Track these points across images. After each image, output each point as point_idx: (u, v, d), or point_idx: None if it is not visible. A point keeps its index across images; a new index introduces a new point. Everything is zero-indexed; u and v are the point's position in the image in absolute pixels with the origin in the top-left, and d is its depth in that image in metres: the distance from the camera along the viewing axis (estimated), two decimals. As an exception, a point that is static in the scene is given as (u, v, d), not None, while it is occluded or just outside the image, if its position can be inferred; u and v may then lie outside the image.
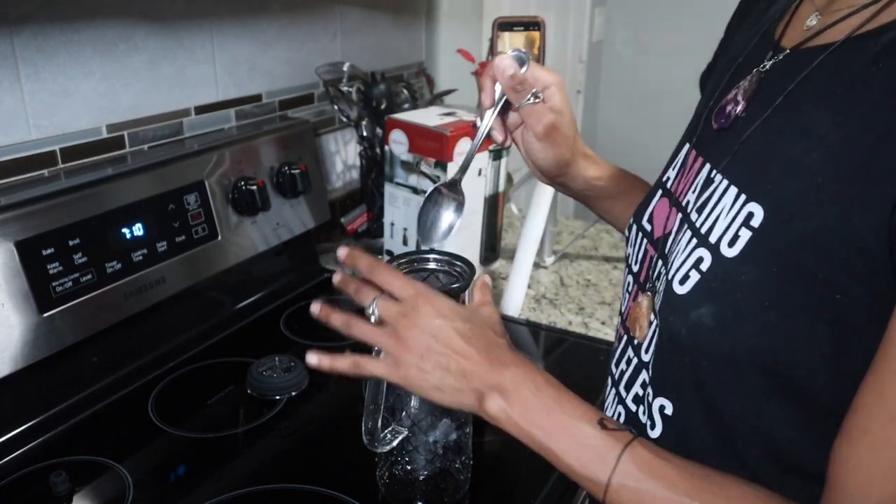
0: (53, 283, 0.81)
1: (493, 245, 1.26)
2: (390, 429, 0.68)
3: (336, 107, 1.26)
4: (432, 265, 0.69)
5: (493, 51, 0.90)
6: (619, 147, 2.83)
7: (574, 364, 1.02)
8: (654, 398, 0.55)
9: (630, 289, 0.62)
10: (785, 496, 0.48)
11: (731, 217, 0.48)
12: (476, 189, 1.15)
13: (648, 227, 0.60)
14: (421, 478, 0.70)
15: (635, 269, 0.61)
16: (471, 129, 1.08)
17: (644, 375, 0.57)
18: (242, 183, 1.04)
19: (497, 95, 0.66)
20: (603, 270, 1.30)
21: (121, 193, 0.89)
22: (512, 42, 0.87)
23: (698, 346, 0.49)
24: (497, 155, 1.16)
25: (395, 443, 0.67)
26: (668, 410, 0.54)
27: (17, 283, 0.78)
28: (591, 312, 1.14)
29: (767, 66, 0.52)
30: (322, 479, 0.75)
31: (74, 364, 0.87)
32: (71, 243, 0.83)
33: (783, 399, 0.47)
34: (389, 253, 1.21)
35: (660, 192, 0.61)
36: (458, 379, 0.54)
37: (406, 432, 0.68)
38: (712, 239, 0.49)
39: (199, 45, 1.08)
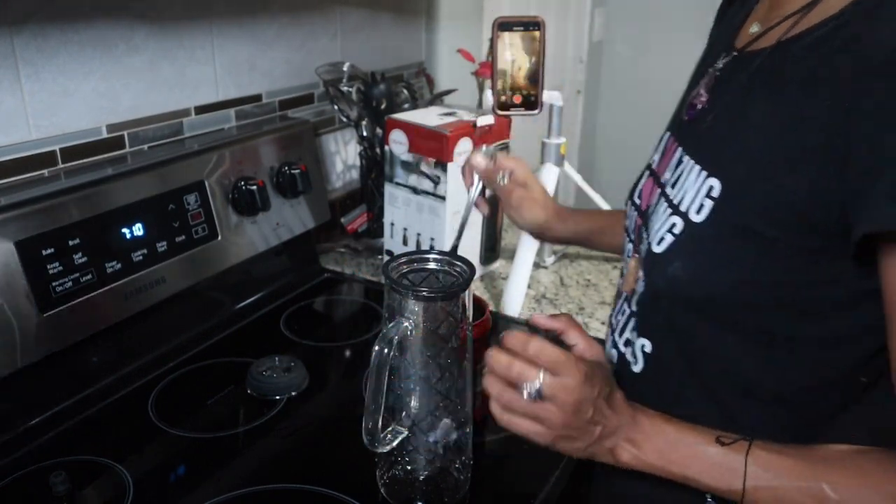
0: (53, 283, 0.81)
1: (493, 245, 1.26)
2: (390, 429, 0.68)
3: (336, 107, 1.26)
4: (432, 265, 0.69)
5: (493, 51, 0.90)
6: (618, 147, 2.83)
7: (574, 364, 1.02)
8: (637, 339, 0.66)
9: (629, 254, 0.72)
10: (748, 416, 0.59)
11: (696, 190, 0.58)
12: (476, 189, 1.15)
13: (638, 202, 0.71)
14: (421, 478, 0.70)
15: (632, 236, 0.71)
16: (471, 129, 1.09)
17: (632, 322, 0.67)
18: (242, 183, 1.04)
19: (476, 183, 0.84)
20: (603, 270, 1.30)
21: (121, 193, 0.89)
22: (512, 42, 0.87)
23: (674, 294, 0.60)
24: (497, 155, 1.16)
25: (395, 443, 0.67)
26: (648, 349, 0.65)
27: (17, 283, 0.78)
28: (591, 312, 1.14)
29: (720, 66, 0.63)
30: (322, 479, 0.75)
31: (74, 364, 0.87)
32: (71, 243, 0.83)
33: (743, 334, 0.57)
34: (389, 253, 1.21)
35: (647, 172, 0.72)
36: (602, 439, 0.59)
37: (406, 432, 0.68)
38: (682, 208, 0.59)
39: (199, 45, 1.08)
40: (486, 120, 1.09)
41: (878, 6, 0.49)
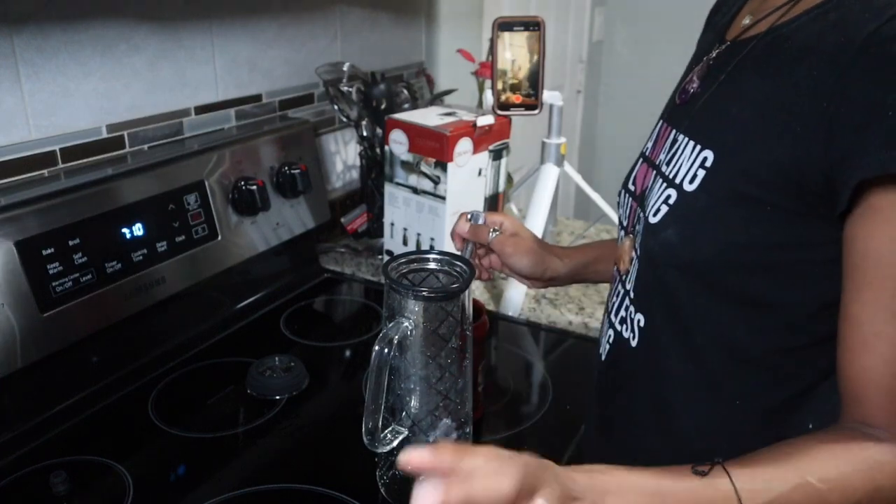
0: (53, 283, 0.81)
1: (493, 245, 1.26)
2: (390, 429, 0.68)
3: (336, 107, 1.26)
4: (432, 265, 0.69)
5: (493, 51, 0.90)
6: (618, 147, 2.83)
7: (574, 364, 1.02)
8: (634, 314, 0.68)
9: (621, 241, 0.75)
10: (734, 382, 0.62)
11: (690, 162, 0.62)
12: (476, 189, 1.15)
13: (633, 188, 0.73)
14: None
15: (625, 223, 0.74)
16: (471, 129, 1.09)
17: (626, 300, 0.70)
18: (242, 183, 1.04)
19: (468, 248, 0.84)
20: (603, 270, 1.30)
21: (121, 193, 0.89)
22: (512, 42, 0.87)
23: (667, 259, 0.63)
24: (497, 155, 1.16)
25: (395, 443, 0.67)
26: (642, 323, 0.67)
27: (17, 283, 0.78)
28: (591, 312, 1.14)
29: (714, 55, 0.67)
30: (322, 479, 0.75)
31: (74, 364, 0.87)
32: (71, 243, 0.83)
33: (731, 298, 0.60)
34: (389, 253, 1.21)
35: (640, 160, 0.75)
36: None
37: (406, 432, 0.68)
38: (677, 180, 0.63)
39: (199, 45, 1.08)
40: (486, 120, 1.09)
41: None
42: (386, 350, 0.63)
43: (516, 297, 1.13)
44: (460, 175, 1.09)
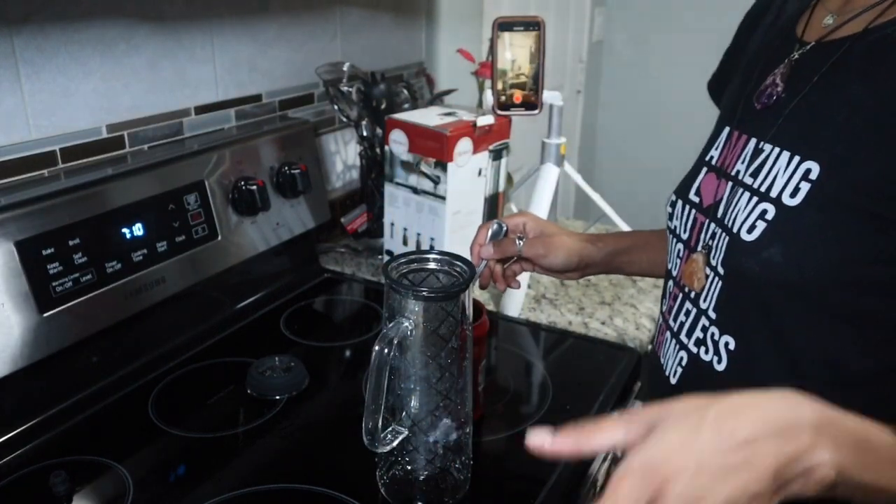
0: (53, 283, 0.81)
1: (493, 245, 1.26)
2: (390, 429, 0.68)
3: (336, 107, 1.26)
4: (432, 265, 0.69)
5: (493, 51, 0.90)
6: (619, 147, 2.83)
7: (574, 364, 1.02)
8: (719, 337, 0.65)
9: (681, 254, 0.72)
10: (839, 402, 0.54)
11: (788, 174, 0.59)
12: (476, 189, 1.15)
13: (696, 199, 0.71)
14: (421, 478, 0.70)
15: (684, 236, 0.71)
16: (471, 129, 1.09)
17: (703, 321, 0.67)
18: (242, 183, 1.04)
19: (481, 263, 0.83)
20: (603, 270, 1.29)
21: (121, 193, 0.89)
22: (512, 42, 0.87)
23: (770, 280, 0.59)
24: (497, 155, 1.16)
25: (395, 443, 0.67)
26: (732, 346, 0.64)
27: (17, 283, 0.78)
28: (591, 312, 1.14)
29: (797, 56, 0.64)
30: (322, 479, 0.75)
31: (74, 364, 0.87)
32: (71, 243, 0.83)
33: (837, 314, 0.57)
34: (389, 253, 1.21)
35: (704, 169, 0.71)
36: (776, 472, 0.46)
37: (406, 432, 0.68)
38: (773, 194, 0.60)
39: (199, 45, 1.08)
40: (486, 120, 1.09)
41: None
42: (386, 350, 0.63)
43: (516, 298, 1.13)
44: (460, 175, 1.09)
